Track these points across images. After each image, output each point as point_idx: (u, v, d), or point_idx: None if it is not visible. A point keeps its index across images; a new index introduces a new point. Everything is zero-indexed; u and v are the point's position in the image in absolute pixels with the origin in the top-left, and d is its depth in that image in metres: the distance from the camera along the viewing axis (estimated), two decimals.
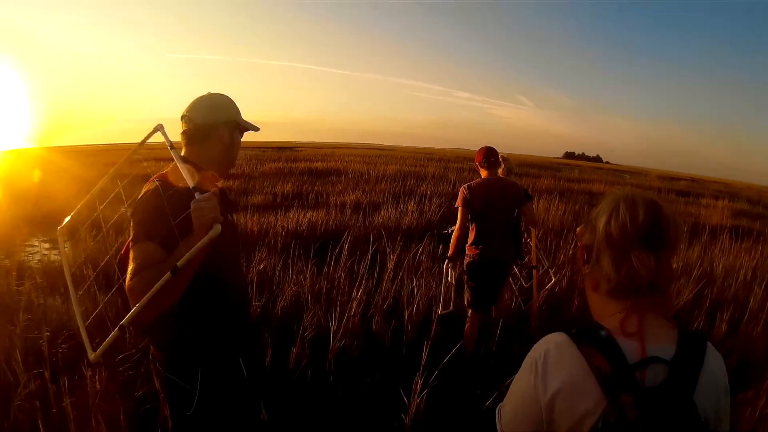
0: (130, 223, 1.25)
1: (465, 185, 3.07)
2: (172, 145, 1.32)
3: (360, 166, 16.27)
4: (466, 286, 3.17)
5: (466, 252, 3.12)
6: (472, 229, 3.07)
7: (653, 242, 0.76)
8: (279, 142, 55.93)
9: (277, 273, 3.80)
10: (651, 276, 0.76)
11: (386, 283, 3.58)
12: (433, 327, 2.80)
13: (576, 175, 21.35)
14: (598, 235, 0.81)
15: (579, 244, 0.87)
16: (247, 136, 1.55)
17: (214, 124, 1.41)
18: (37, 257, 4.92)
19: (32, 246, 5.56)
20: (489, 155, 3.07)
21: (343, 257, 4.04)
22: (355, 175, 13.40)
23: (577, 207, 8.98)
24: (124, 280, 1.19)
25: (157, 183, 1.31)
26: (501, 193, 3.04)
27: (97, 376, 2.11)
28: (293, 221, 6.39)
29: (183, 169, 1.23)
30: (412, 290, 3.49)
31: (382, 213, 7.37)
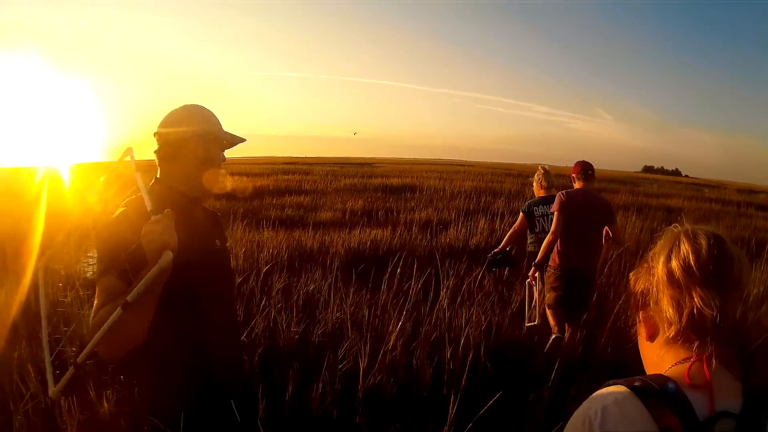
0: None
1: (563, 191, 3.05)
2: (136, 169, 1.21)
3: (436, 182, 15.92)
4: (551, 298, 3.08)
5: (551, 261, 3.05)
6: (561, 236, 3.00)
7: (718, 280, 0.69)
8: (358, 158, 57.62)
9: (323, 296, 3.57)
10: (716, 317, 0.69)
11: (437, 311, 3.21)
12: (467, 370, 2.38)
13: (654, 190, 20.00)
14: (657, 274, 0.74)
15: (632, 290, 0.81)
16: (326, 151, 1.34)
17: (186, 138, 1.27)
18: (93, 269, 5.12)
19: (94, 257, 5.79)
20: (586, 168, 3.08)
21: (395, 281, 3.73)
22: (429, 192, 13.10)
23: (655, 224, 8.09)
24: None
25: (123, 208, 1.20)
26: (595, 206, 3.02)
27: (105, 397, 2.02)
28: (356, 239, 6.20)
29: (144, 195, 1.13)
30: (462, 323, 3.09)
31: (451, 231, 6.98)
